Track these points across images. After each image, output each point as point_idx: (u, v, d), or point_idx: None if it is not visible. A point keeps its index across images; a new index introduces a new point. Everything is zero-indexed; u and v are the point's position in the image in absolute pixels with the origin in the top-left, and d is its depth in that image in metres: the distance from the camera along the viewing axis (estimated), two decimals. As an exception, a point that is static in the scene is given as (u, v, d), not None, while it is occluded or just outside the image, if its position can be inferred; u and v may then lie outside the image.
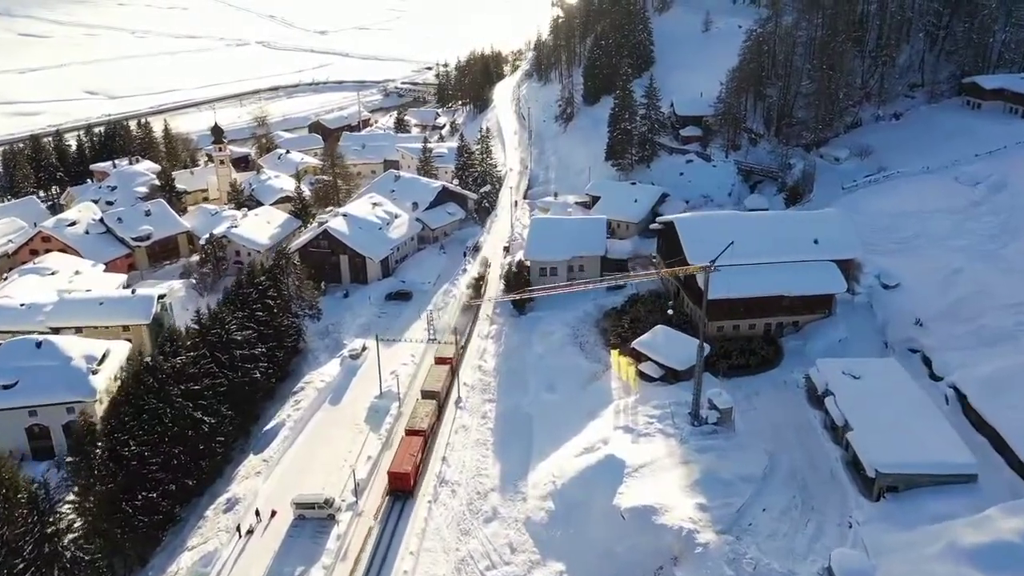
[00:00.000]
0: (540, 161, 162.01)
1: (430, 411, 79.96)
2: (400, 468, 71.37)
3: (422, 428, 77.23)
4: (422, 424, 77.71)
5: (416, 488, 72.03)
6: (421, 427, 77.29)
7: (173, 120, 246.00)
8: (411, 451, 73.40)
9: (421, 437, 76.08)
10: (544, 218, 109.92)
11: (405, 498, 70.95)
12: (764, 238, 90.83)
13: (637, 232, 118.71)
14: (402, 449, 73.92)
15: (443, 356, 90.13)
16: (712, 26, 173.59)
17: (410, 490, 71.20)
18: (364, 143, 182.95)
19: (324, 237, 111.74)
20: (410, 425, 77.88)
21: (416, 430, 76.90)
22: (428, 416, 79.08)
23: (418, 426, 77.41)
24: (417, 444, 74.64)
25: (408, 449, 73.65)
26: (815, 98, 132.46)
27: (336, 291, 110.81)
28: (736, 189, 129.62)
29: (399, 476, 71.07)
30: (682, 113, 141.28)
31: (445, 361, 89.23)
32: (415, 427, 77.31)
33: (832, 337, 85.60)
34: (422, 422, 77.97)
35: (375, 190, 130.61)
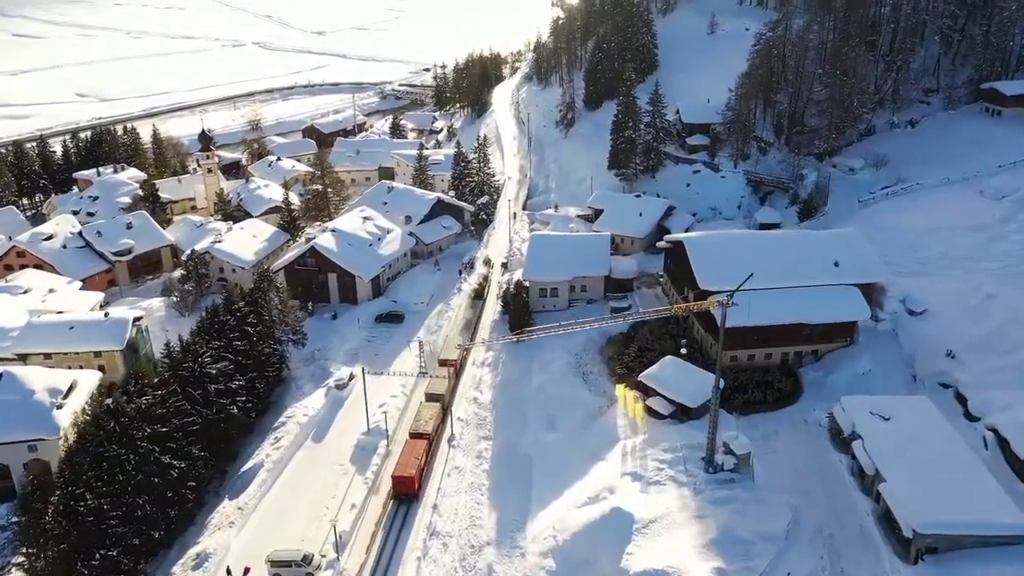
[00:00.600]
0: (540, 169, 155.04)
1: (434, 414, 78.41)
2: (404, 472, 69.90)
3: (426, 431, 75.59)
4: (426, 427, 76.09)
5: (421, 492, 70.55)
6: (425, 430, 75.72)
7: (165, 124, 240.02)
8: (415, 454, 72.09)
9: (425, 440, 74.60)
10: (544, 235, 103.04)
11: (409, 502, 69.61)
12: (781, 260, 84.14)
13: (642, 248, 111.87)
14: (406, 452, 72.61)
15: (447, 358, 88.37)
16: (718, 28, 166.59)
17: (415, 493, 69.87)
18: (358, 149, 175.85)
19: (311, 254, 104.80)
20: (414, 428, 76.37)
21: (420, 433, 75.34)
22: (432, 419, 77.52)
23: (422, 429, 75.84)
24: (421, 447, 73.29)
25: (412, 452, 72.32)
26: (828, 105, 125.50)
27: (324, 312, 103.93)
28: (746, 201, 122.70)
29: (403, 480, 69.70)
30: (689, 120, 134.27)
31: (451, 363, 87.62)
32: (419, 430, 75.71)
33: (855, 369, 78.77)
34: (426, 425, 76.43)
35: (366, 202, 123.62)
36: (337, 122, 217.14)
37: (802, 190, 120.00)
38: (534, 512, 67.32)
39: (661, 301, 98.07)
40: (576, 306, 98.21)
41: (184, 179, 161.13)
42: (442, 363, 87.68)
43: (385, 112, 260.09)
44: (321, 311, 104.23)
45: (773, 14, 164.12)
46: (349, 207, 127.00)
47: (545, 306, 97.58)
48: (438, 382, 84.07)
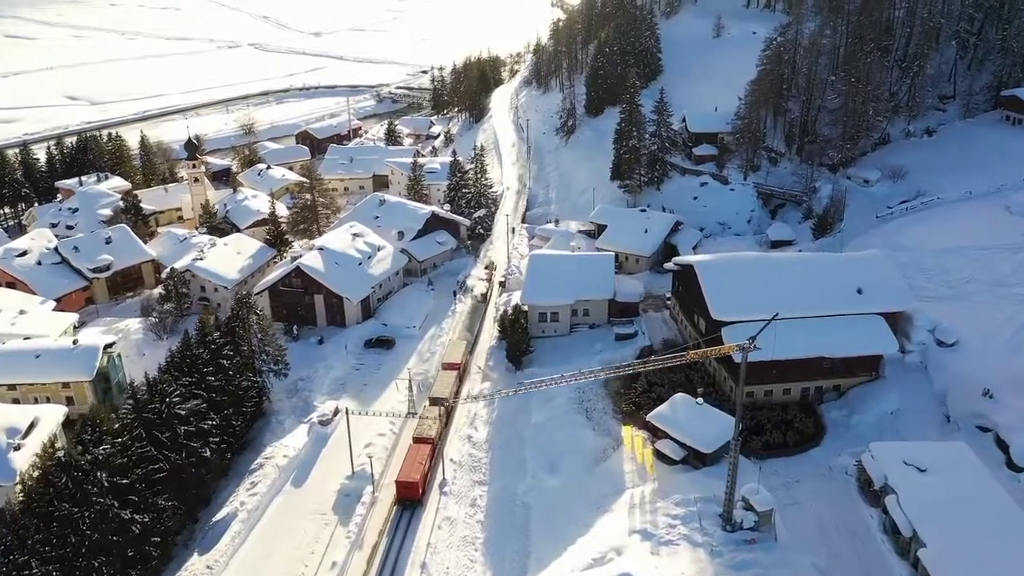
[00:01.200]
0: (539, 178, 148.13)
1: (437, 417, 77.21)
2: (408, 477, 68.99)
3: (430, 436, 74.36)
4: (430, 431, 74.85)
5: (424, 497, 69.40)
6: (429, 434, 74.50)
7: (156, 128, 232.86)
8: (419, 459, 71.17)
9: (429, 445, 73.35)
10: (544, 255, 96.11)
11: (413, 507, 68.62)
12: (800, 287, 77.27)
13: (648, 266, 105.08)
14: (410, 457, 71.59)
15: (451, 362, 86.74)
16: (724, 32, 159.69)
17: (419, 499, 68.88)
18: (352, 156, 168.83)
19: (296, 274, 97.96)
20: (418, 432, 75.07)
21: (424, 437, 74.12)
22: (436, 422, 76.32)
23: (426, 433, 74.63)
24: (425, 452, 72.18)
25: (416, 457, 71.41)
26: (841, 113, 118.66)
27: (310, 336, 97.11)
28: (756, 215, 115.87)
29: (407, 485, 68.80)
30: (695, 129, 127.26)
31: (454, 367, 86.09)
32: (423, 434, 74.53)
33: (882, 408, 71.98)
34: (430, 429, 75.17)
35: (357, 216, 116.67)
36: (331, 127, 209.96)
37: (816, 204, 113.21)
38: (533, 573, 60.52)
39: (669, 326, 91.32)
40: (578, 331, 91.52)
41: (171, 188, 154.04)
42: (447, 366, 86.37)
43: (382, 115, 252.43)
44: (307, 335, 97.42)
45: (782, 17, 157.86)
46: (339, 221, 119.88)
47: (545, 331, 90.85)
48: (441, 385, 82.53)
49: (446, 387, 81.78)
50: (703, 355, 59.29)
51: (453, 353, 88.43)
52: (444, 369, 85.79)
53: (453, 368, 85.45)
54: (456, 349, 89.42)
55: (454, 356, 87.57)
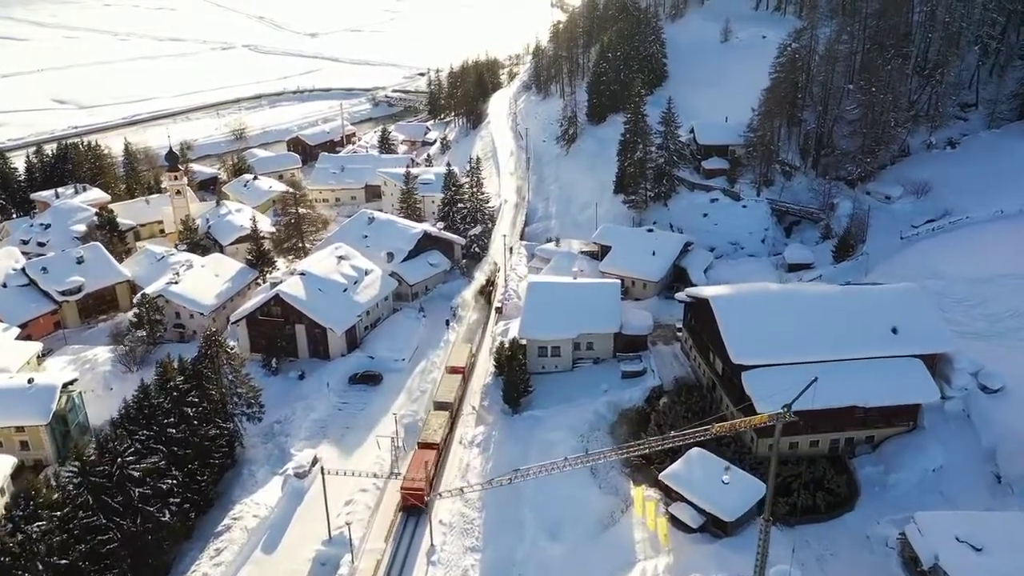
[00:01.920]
0: (539, 191, 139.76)
1: (443, 423, 74.97)
2: (413, 484, 66.42)
3: (435, 441, 72.22)
4: (435, 437, 72.74)
5: (429, 504, 65.95)
6: (434, 440, 72.35)
7: (144, 133, 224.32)
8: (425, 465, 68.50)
9: (434, 451, 71.23)
10: (543, 282, 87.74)
11: (419, 515, 66.02)
12: (828, 325, 69.23)
13: (656, 291, 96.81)
14: (415, 463, 69.16)
15: (455, 365, 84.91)
16: (732, 36, 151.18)
17: (424, 506, 65.76)
18: (343, 165, 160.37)
19: (276, 302, 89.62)
20: (423, 438, 72.85)
21: (429, 443, 71.91)
22: (441, 428, 74.10)
23: (431, 439, 72.48)
24: (431, 458, 69.81)
25: (421, 464, 68.64)
26: (860, 125, 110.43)
27: (290, 369, 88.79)
28: (770, 234, 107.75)
29: (413, 492, 66.04)
30: (705, 141, 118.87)
31: (457, 370, 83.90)
32: (428, 440, 72.33)
33: (923, 464, 63.84)
34: (435, 434, 73.07)
35: (345, 235, 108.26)
36: (324, 133, 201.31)
37: (834, 222, 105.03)
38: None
39: (680, 362, 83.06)
40: (581, 365, 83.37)
41: (153, 200, 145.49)
42: (451, 369, 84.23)
43: (377, 120, 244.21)
44: (287, 368, 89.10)
45: (793, 21, 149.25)
46: (325, 240, 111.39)
47: (545, 366, 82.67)
48: (446, 389, 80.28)
49: (450, 391, 79.83)
50: (730, 429, 50.87)
51: (457, 357, 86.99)
52: (448, 373, 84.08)
53: (457, 372, 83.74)
54: (460, 352, 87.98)
55: (458, 360, 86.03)
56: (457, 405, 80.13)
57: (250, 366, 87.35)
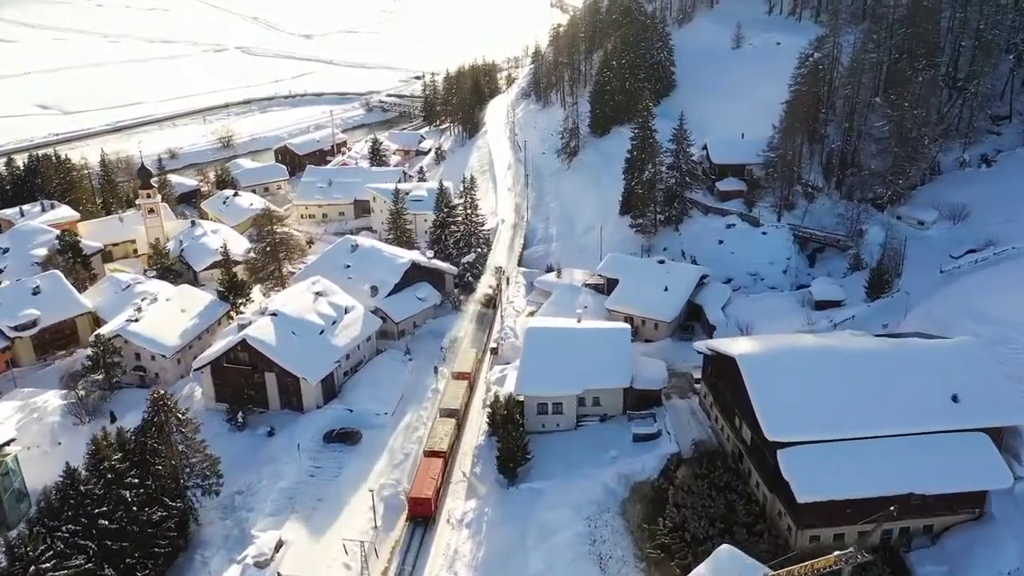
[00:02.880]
0: (538, 209, 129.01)
1: (450, 430, 72.61)
2: (420, 493, 65.23)
3: (442, 449, 70.07)
4: (441, 444, 70.60)
5: (437, 513, 65.35)
6: (441, 448, 70.25)
7: (127, 140, 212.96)
8: (431, 474, 67.09)
9: (441, 459, 69.10)
10: (543, 329, 76.87)
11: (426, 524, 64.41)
12: (876, 391, 58.56)
13: (669, 332, 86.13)
14: (421, 472, 67.65)
15: (462, 371, 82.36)
16: (744, 42, 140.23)
17: (431, 515, 65.02)
18: (331, 179, 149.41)
19: (243, 348, 78.87)
20: (429, 446, 71.04)
21: (436, 451, 69.91)
22: (448, 435, 71.90)
23: (437, 447, 70.39)
24: (437, 466, 68.04)
25: (428, 472, 67.31)
26: (891, 143, 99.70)
27: (259, 424, 78.07)
28: (793, 264, 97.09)
29: (420, 501, 64.96)
30: (720, 160, 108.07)
31: (465, 376, 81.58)
32: (434, 448, 70.35)
33: (996, 567, 53.07)
34: (441, 442, 70.87)
35: (325, 265, 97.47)
36: (314, 142, 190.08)
37: (864, 251, 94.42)
38: None
39: (699, 420, 72.42)
40: (587, 423, 72.70)
41: (127, 217, 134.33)
42: (457, 375, 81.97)
43: (371, 126, 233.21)
44: (255, 423, 78.34)
45: (809, 26, 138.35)
46: (304, 270, 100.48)
47: (546, 425, 72.09)
48: (452, 396, 77.90)
49: (457, 398, 77.48)
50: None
51: (463, 363, 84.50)
52: (455, 379, 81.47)
53: (464, 378, 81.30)
54: (467, 359, 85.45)
55: (464, 366, 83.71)
56: (463, 412, 77.46)
57: (213, 420, 77.27)
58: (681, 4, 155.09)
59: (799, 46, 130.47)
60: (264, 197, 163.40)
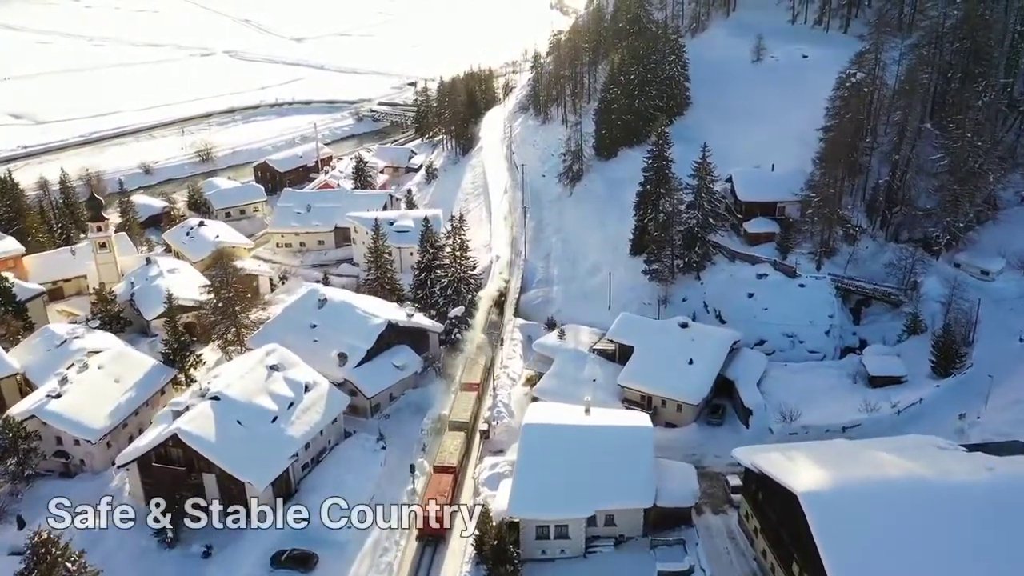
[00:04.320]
0: (538, 243, 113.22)
1: (459, 444, 69.53)
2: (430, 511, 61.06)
3: (451, 464, 67.09)
4: (451, 459, 67.59)
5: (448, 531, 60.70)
6: (450, 463, 67.20)
7: (101, 154, 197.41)
8: (441, 490, 63.67)
9: (451, 474, 66.09)
10: (543, 426, 60.72)
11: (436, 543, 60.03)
12: (977, 544, 43.06)
13: (695, 416, 70.47)
14: (431, 488, 64.21)
15: (470, 382, 79.07)
16: (766, 55, 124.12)
17: (442, 534, 60.66)
18: (309, 204, 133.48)
19: (176, 443, 63.21)
20: (438, 460, 67.84)
21: (445, 466, 66.81)
22: (457, 450, 68.87)
23: (447, 461, 67.35)
24: (447, 482, 64.83)
25: (437, 487, 63.90)
26: (946, 176, 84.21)
27: (194, 540, 62.30)
28: (836, 323, 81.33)
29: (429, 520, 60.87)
30: (748, 197, 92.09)
31: (473, 387, 78.16)
32: (444, 463, 67.28)
33: None
34: (451, 457, 67.95)
35: (285, 325, 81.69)
36: (296, 158, 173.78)
37: (921, 308, 78.81)
38: None
39: (742, 549, 56.79)
40: (599, 549, 57.10)
41: (80, 249, 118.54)
42: (466, 386, 78.26)
43: (360, 137, 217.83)
44: (189, 539, 62.58)
45: (838, 37, 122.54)
46: (263, 329, 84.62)
47: (547, 551, 56.65)
48: (461, 407, 74.50)
49: (466, 409, 74.05)
50: None
51: (472, 373, 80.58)
52: (463, 390, 77.41)
53: (472, 388, 77.54)
54: (475, 368, 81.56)
55: (473, 376, 79.76)
56: (473, 424, 73.97)
57: (139, 534, 61.70)
58: (694, 12, 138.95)
59: (828, 59, 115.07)
60: (240, 221, 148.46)
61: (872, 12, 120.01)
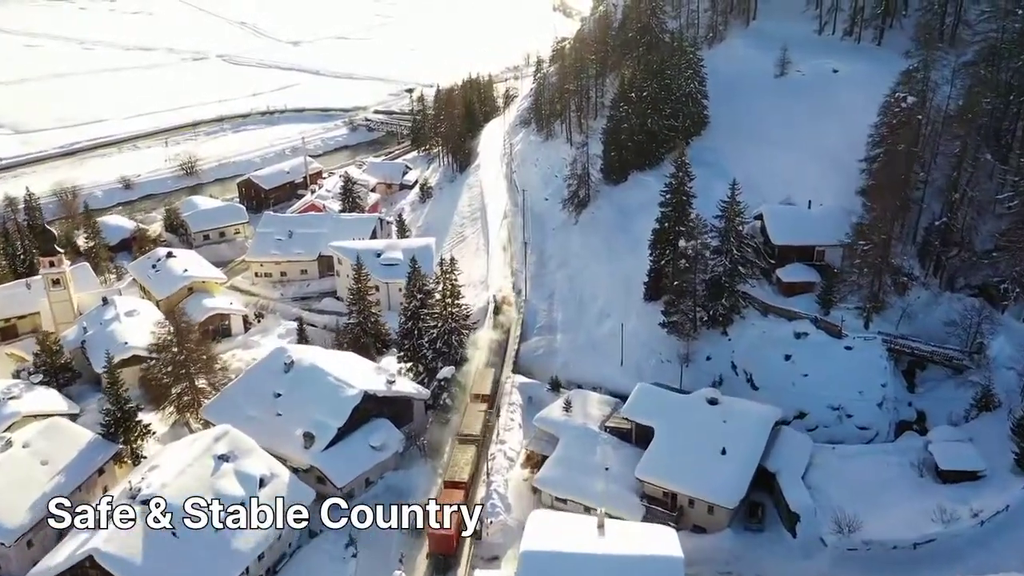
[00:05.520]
0: (540, 281, 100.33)
1: (470, 458, 64.61)
2: (441, 529, 56.28)
3: (462, 479, 62.23)
4: (462, 474, 62.78)
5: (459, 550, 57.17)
6: (461, 478, 62.45)
7: (80, 167, 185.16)
8: None
9: (462, 490, 61.22)
10: (545, 554, 47.68)
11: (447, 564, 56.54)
12: None
13: (729, 519, 57.55)
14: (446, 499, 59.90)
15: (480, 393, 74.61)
16: (791, 69, 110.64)
17: (453, 552, 56.78)
18: (291, 229, 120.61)
19: (92, 565, 50.48)
20: (449, 476, 63.13)
21: (456, 482, 62.00)
22: (469, 464, 63.99)
23: (458, 477, 62.60)
24: (458, 498, 59.56)
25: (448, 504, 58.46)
26: (1017, 221, 71.30)
27: None
28: (890, 393, 68.32)
29: (441, 538, 56.38)
30: (782, 240, 78.68)
31: (483, 399, 73.53)
32: (455, 478, 62.43)
33: None
34: (462, 472, 63.15)
35: (245, 395, 68.77)
36: (283, 173, 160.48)
37: (993, 376, 65.87)
38: None
39: None
40: None
41: (36, 282, 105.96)
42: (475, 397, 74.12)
43: (354, 148, 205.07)
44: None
45: (871, 50, 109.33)
46: (212, 403, 71.63)
47: None
48: (471, 420, 70.57)
49: (476, 422, 70.23)
50: None
51: (481, 384, 76.14)
52: (473, 401, 73.37)
53: (483, 400, 73.58)
54: (484, 379, 77.13)
55: (482, 387, 75.38)
56: (484, 437, 69.59)
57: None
58: (710, 20, 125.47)
59: (861, 76, 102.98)
60: (219, 245, 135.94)
61: (910, 23, 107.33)
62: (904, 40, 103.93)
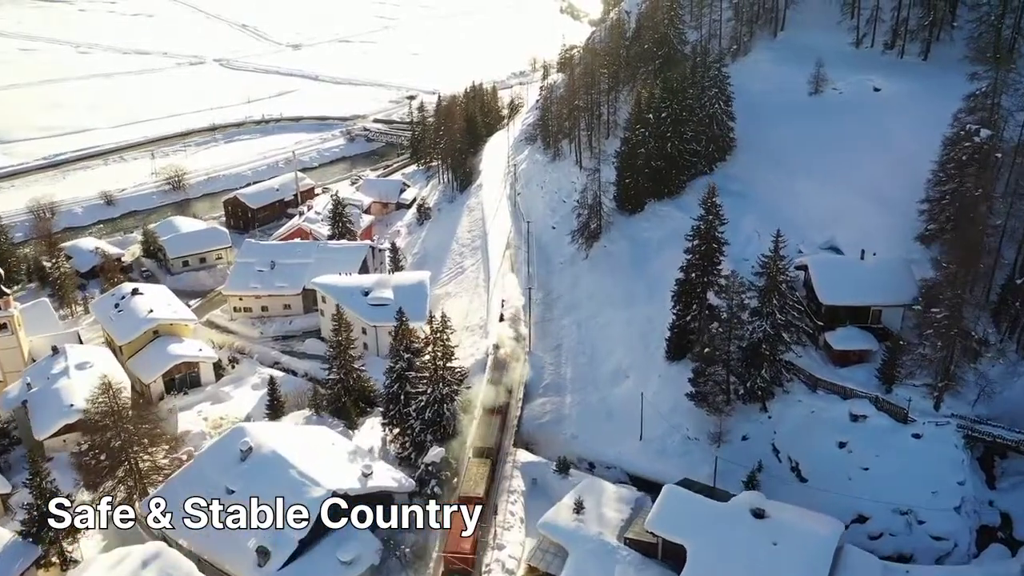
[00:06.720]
0: (546, 329, 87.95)
1: (485, 472, 62.04)
2: (458, 547, 54.30)
3: (477, 494, 59.30)
4: (477, 489, 60.04)
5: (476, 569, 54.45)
6: (476, 492, 59.61)
7: (63, 180, 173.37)
8: None
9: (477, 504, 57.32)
10: None
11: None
12: None
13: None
14: (457, 521, 55.19)
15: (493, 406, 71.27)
16: (826, 87, 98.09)
17: (469, 571, 53.99)
18: (273, 259, 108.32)
19: None
20: (464, 491, 60.23)
21: (471, 496, 58.88)
22: (483, 478, 61.42)
23: (473, 491, 59.73)
24: (474, 513, 54.59)
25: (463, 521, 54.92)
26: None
27: None
28: (969, 492, 55.78)
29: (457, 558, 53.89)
30: (831, 300, 65.82)
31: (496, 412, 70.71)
32: (469, 493, 59.56)
33: None
34: (477, 486, 60.40)
35: (195, 485, 56.51)
36: (272, 191, 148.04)
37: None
38: None
39: None
40: None
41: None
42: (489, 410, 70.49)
43: (352, 160, 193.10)
44: None
45: (916, 65, 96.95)
46: (151, 498, 59.35)
47: None
48: (485, 433, 67.38)
49: (490, 435, 66.82)
50: None
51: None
52: (486, 414, 69.97)
53: (496, 413, 69.90)
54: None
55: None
56: (498, 450, 66.89)
57: None
58: (734, 31, 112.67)
59: (906, 96, 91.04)
60: (199, 272, 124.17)
61: (960, 35, 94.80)
62: (953, 55, 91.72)
